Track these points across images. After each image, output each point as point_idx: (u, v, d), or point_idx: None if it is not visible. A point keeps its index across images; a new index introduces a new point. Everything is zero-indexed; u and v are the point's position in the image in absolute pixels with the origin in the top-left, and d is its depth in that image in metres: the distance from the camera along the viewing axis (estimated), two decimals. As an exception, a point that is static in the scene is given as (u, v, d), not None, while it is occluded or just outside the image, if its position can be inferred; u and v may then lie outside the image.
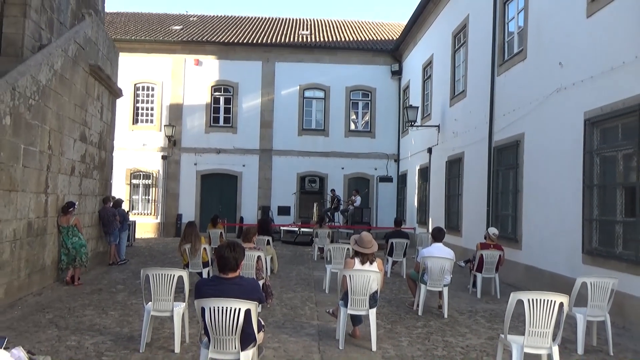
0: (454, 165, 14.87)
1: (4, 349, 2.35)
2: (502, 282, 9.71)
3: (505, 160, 11.62)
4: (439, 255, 7.71)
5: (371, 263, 6.07)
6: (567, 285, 6.99)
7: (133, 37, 21.94)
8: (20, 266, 8.11)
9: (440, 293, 7.77)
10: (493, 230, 9.70)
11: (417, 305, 7.78)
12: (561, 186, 8.95)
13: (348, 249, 9.30)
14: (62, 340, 5.94)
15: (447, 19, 15.97)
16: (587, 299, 5.82)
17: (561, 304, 4.52)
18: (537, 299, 4.50)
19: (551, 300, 4.49)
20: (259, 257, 7.62)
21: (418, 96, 18.99)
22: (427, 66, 18.12)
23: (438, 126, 16.28)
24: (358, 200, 19.45)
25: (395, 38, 23.17)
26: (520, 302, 4.55)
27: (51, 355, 5.10)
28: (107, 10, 18.48)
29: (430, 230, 15.29)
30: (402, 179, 21.58)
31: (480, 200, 12.50)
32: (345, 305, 5.87)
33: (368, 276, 5.80)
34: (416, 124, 17.42)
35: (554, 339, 4.60)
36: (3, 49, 11.36)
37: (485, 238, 9.76)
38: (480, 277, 9.26)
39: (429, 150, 17.10)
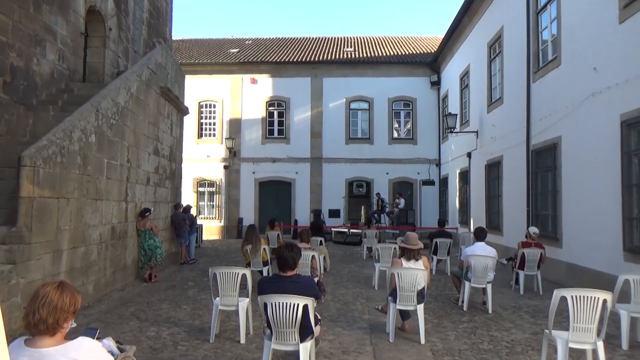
0: (493, 168, 14.45)
1: (96, 339, 2.44)
2: (544, 279, 9.31)
3: (543, 162, 11.18)
4: (481, 254, 7.49)
5: (416, 260, 5.98)
6: (608, 282, 6.65)
7: (196, 61, 22.65)
8: (105, 265, 8.49)
9: (484, 289, 7.55)
10: (534, 230, 9.33)
11: (462, 301, 7.59)
12: (600, 186, 8.52)
13: (395, 248, 9.21)
14: (142, 331, 6.17)
15: (482, 31, 15.59)
16: (630, 295, 5.51)
17: (604, 301, 4.29)
18: (580, 296, 4.30)
19: (595, 297, 4.27)
20: (313, 257, 7.66)
21: (456, 104, 18.61)
22: (464, 76, 17.74)
23: (476, 132, 15.87)
24: (402, 202, 19.21)
25: (433, 51, 22.85)
26: (563, 299, 4.35)
27: (134, 344, 5.30)
28: (173, 37, 19.17)
29: (472, 229, 14.93)
30: (444, 182, 21.16)
31: (519, 201, 12.08)
32: (395, 301, 5.81)
33: (415, 273, 5.72)
34: (455, 130, 17.07)
35: (598, 335, 4.38)
36: (87, 76, 12.01)
37: (526, 237, 9.41)
38: (522, 275, 8.93)
39: (469, 155, 16.70)
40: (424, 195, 21.56)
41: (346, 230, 19.09)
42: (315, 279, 7.34)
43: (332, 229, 19.30)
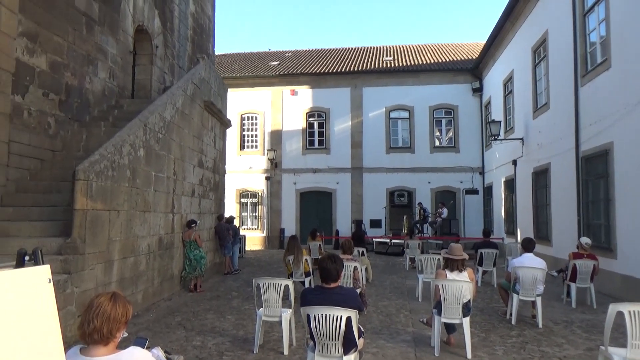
0: (541, 176, 13.96)
1: (146, 348, 2.51)
2: (598, 292, 8.86)
3: (594, 169, 10.71)
4: (530, 265, 7.23)
5: (461, 271, 5.84)
6: (670, 296, 6.26)
7: (238, 74, 23.18)
8: (153, 275, 8.74)
9: (534, 302, 7.27)
10: (586, 240, 8.92)
11: (510, 315, 7.34)
12: (658, 194, 8.07)
13: (438, 259, 9.02)
14: (189, 340, 6.30)
15: (526, 35, 15.18)
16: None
17: (666, 316, 4.04)
18: (639, 311, 4.07)
19: (655, 312, 4.03)
20: (355, 267, 7.61)
21: (500, 111, 18.15)
22: (508, 82, 17.30)
23: (522, 139, 15.41)
24: (445, 212, 18.83)
25: (474, 57, 22.45)
26: (620, 314, 4.13)
27: (181, 354, 5.42)
28: (216, 52, 19.71)
29: (519, 240, 14.45)
30: (488, 190, 20.61)
31: (569, 209, 11.60)
32: (439, 314, 5.68)
33: (460, 286, 5.58)
34: (499, 137, 16.62)
35: (660, 352, 4.12)
36: (136, 92, 12.51)
37: (577, 248, 9.00)
38: (574, 287, 8.53)
39: (514, 162, 16.22)
40: (467, 205, 21.08)
41: (388, 240, 18.87)
42: (358, 291, 7.30)
43: (374, 240, 19.12)
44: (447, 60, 23.71)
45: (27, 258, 1.95)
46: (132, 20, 11.84)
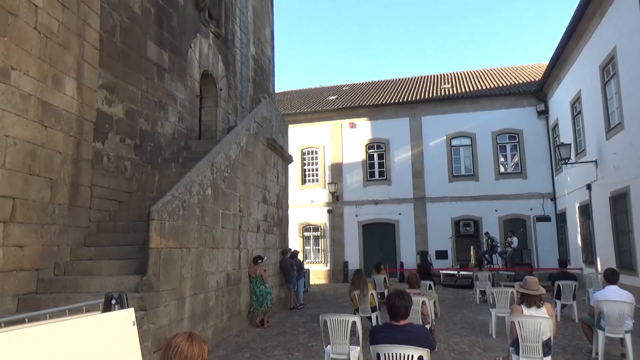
0: (619, 201, 13.04)
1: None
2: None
3: (682, 191, 9.87)
4: (615, 299, 6.69)
5: (538, 307, 5.50)
6: None
7: (297, 110, 23.78)
8: (222, 311, 8.93)
9: (622, 340, 6.69)
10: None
11: (596, 353, 6.77)
12: None
13: (512, 292, 8.59)
14: (258, 377, 6.32)
15: (592, 53, 14.53)
16: None
17: None
18: None
19: None
20: (423, 302, 7.39)
21: (569, 133, 17.30)
22: (576, 102, 16.53)
23: (595, 161, 14.55)
24: (515, 241, 17.96)
25: (536, 79, 21.73)
26: None
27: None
28: (276, 90, 20.41)
29: (599, 270, 13.50)
30: (561, 217, 19.48)
31: (656, 236, 10.70)
32: (517, 353, 5.36)
33: (539, 322, 5.25)
34: (570, 161, 15.80)
35: None
36: (202, 133, 13.14)
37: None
38: (668, 322, 7.79)
39: (588, 187, 15.29)
40: (539, 233, 20.00)
41: (455, 272, 18.20)
42: (427, 326, 7.06)
43: (441, 272, 18.52)
44: (508, 84, 23.11)
45: (113, 302, 2.07)
46: (198, 66, 12.57)
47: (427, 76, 27.80)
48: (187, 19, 12.09)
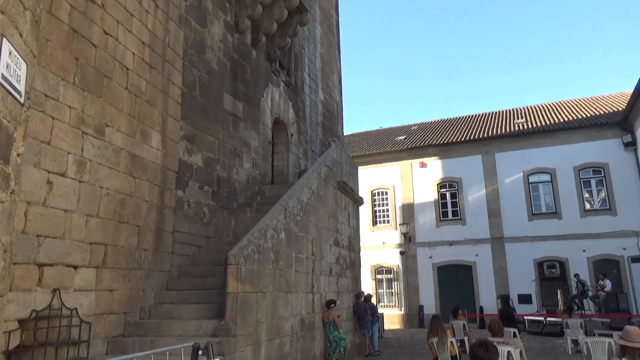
0: None
1: None
2: None
3: None
4: None
5: (643, 361, 4.93)
6: None
7: (366, 152, 23.93)
8: (297, 357, 8.85)
9: None
10: None
11: None
12: None
13: (610, 342, 7.82)
14: None
15: (686, 79, 13.51)
16: None
17: None
18: None
19: None
20: (509, 353, 6.89)
21: (664, 165, 15.97)
22: (670, 132, 15.31)
23: (698, 195, 13.25)
24: (608, 284, 16.45)
25: (620, 109, 20.46)
26: None
27: None
28: (345, 133, 20.73)
29: None
30: (661, 257, 17.74)
31: None
32: (622, 412, 4.80)
33: (646, 379, 4.70)
34: (668, 195, 14.49)
35: None
36: (275, 178, 13.52)
37: None
38: None
39: (692, 223, 13.87)
40: (635, 275, 18.27)
41: (542, 318, 16.92)
42: (515, 379, 6.56)
43: (525, 317, 17.31)
44: (588, 115, 21.93)
45: (200, 352, 2.13)
46: (270, 113, 13.10)
47: (499, 112, 27.11)
48: (260, 70, 12.74)
